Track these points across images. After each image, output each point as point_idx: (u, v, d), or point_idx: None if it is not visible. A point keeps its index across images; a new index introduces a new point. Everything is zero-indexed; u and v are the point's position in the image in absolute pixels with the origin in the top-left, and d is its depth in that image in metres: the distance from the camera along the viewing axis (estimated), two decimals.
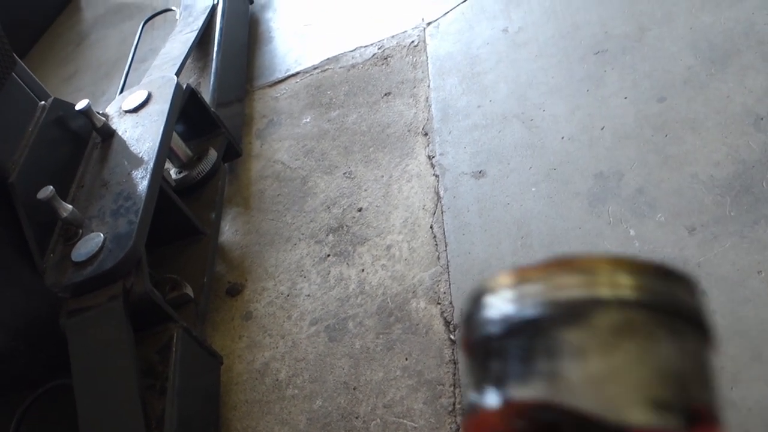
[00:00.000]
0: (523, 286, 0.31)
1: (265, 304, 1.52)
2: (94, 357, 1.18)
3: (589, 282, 0.30)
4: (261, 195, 1.78)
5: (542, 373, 0.29)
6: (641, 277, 0.31)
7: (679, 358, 0.31)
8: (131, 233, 1.25)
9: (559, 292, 0.31)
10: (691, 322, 0.32)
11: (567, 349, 0.30)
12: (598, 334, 0.30)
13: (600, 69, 1.58)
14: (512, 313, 0.31)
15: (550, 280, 0.31)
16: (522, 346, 0.30)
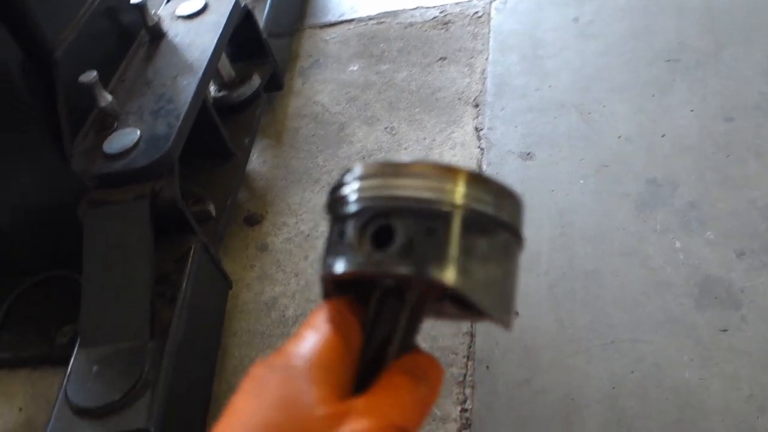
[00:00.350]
0: (367, 180, 0.39)
1: (283, 240, 1.47)
2: (110, 252, 1.13)
3: (443, 190, 0.37)
4: (295, 132, 1.72)
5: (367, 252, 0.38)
6: (474, 189, 0.38)
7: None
8: (169, 136, 1.19)
9: (411, 191, 0.37)
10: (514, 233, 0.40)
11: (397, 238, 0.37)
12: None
13: (669, 77, 1.54)
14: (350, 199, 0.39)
15: (392, 179, 0.38)
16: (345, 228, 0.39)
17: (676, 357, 1.10)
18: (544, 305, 1.22)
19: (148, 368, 1.04)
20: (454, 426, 1.11)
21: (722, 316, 1.13)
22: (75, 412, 1.02)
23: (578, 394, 1.09)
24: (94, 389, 1.04)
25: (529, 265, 1.27)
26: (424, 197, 0.38)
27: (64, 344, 1.29)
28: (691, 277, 1.19)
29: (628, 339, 1.14)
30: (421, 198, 0.38)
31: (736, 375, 1.06)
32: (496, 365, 1.16)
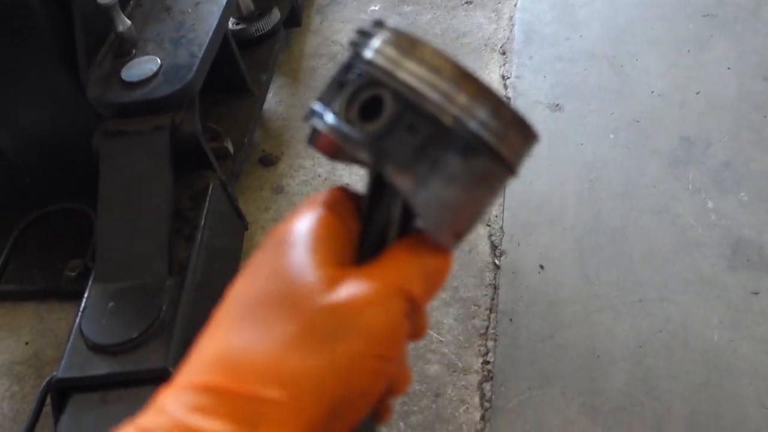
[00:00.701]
0: (386, 47, 0.36)
1: (300, 182, 1.43)
2: (127, 185, 1.09)
3: (446, 94, 0.35)
4: (312, 72, 1.66)
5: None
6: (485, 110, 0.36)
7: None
8: (191, 66, 1.14)
9: (414, 80, 0.35)
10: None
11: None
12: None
13: (707, 32, 1.48)
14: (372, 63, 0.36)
15: (407, 58, 0.36)
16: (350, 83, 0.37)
17: (705, 318, 1.07)
18: (570, 260, 1.19)
19: (166, 307, 1.01)
20: (475, 378, 1.09)
21: (754, 279, 1.10)
22: (90, 348, 0.99)
23: (603, 350, 1.07)
24: (109, 326, 1.00)
25: (555, 219, 1.24)
26: (424, 92, 0.36)
27: (72, 278, 1.26)
28: (724, 237, 1.16)
29: (655, 297, 1.11)
30: (422, 92, 0.36)
31: (767, 338, 1.04)
32: (520, 318, 1.13)
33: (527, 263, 1.20)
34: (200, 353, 0.33)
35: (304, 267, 0.34)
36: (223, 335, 0.33)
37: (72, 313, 1.27)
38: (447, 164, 0.36)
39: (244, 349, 0.32)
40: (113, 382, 0.97)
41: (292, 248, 0.35)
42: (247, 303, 0.34)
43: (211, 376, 0.31)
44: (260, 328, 0.32)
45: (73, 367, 0.98)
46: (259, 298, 0.33)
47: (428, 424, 1.05)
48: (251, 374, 0.31)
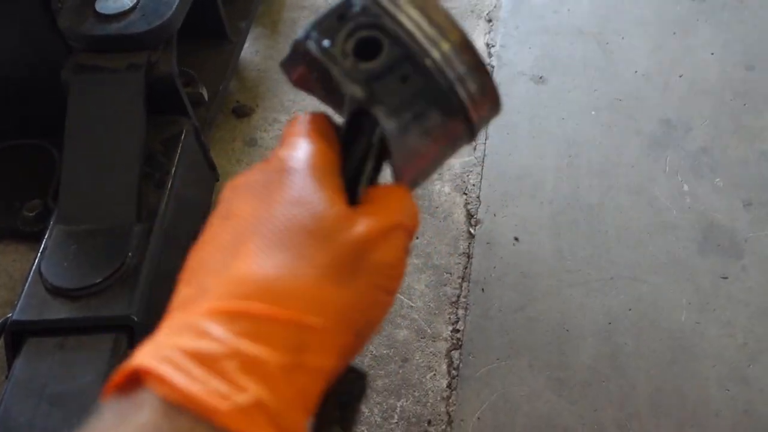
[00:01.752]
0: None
1: (273, 137, 1.39)
2: (97, 123, 1.04)
3: (446, 57, 0.39)
4: (293, 23, 1.61)
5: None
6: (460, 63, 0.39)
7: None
8: (172, 3, 1.08)
9: (419, 33, 0.38)
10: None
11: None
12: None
13: (693, 17, 1.48)
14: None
15: (424, 17, 0.39)
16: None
17: (675, 299, 1.09)
18: (545, 233, 1.19)
19: (132, 253, 0.97)
20: (444, 345, 1.08)
21: (724, 264, 1.12)
22: (49, 291, 0.94)
23: (573, 325, 1.08)
24: (71, 269, 0.96)
25: (533, 192, 1.24)
26: (427, 49, 0.39)
27: (30, 219, 1.20)
28: (697, 221, 1.17)
29: (627, 276, 1.12)
30: (424, 49, 0.39)
31: (732, 323, 1.05)
32: (492, 289, 1.13)
33: (502, 234, 1.19)
34: (230, 277, 0.32)
35: (322, 201, 0.35)
36: (255, 261, 0.33)
37: (28, 255, 1.22)
38: (428, 119, 0.39)
39: (282, 277, 0.32)
40: (72, 327, 0.93)
41: (304, 178, 0.36)
42: (274, 230, 0.34)
43: (254, 303, 0.31)
44: (294, 257, 0.33)
45: (29, 309, 0.93)
46: (287, 227, 0.34)
47: (394, 388, 1.04)
48: (293, 302, 0.32)
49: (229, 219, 0.35)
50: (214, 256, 0.34)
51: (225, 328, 0.30)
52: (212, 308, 0.31)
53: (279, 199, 0.35)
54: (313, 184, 0.36)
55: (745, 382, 1.00)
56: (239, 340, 0.30)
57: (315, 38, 0.40)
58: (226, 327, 0.30)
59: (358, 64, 0.39)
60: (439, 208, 1.24)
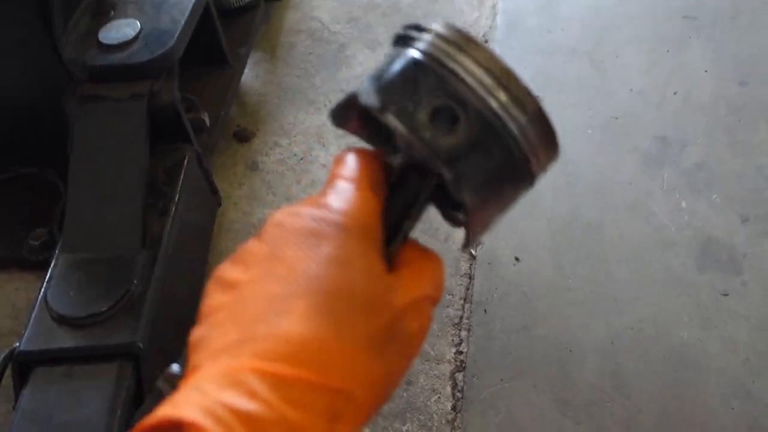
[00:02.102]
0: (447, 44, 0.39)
1: (275, 161, 1.40)
2: (101, 152, 1.05)
3: (523, 131, 0.39)
4: (291, 48, 1.63)
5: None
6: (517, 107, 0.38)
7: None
8: (173, 32, 1.10)
9: (502, 110, 0.38)
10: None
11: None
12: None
13: (685, 34, 1.50)
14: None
15: (468, 58, 0.38)
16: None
17: (676, 317, 1.09)
18: (545, 252, 1.20)
19: (137, 281, 0.97)
20: (448, 367, 1.09)
21: (723, 280, 1.13)
22: (55, 320, 0.95)
23: (575, 344, 1.09)
24: (77, 298, 0.96)
25: (532, 211, 1.25)
26: (509, 125, 0.38)
27: (35, 247, 1.21)
28: (695, 238, 1.18)
29: (628, 294, 1.13)
30: (507, 125, 0.38)
31: (734, 339, 1.06)
32: (494, 309, 1.14)
33: (503, 254, 1.20)
34: (278, 333, 0.33)
35: (369, 265, 0.36)
36: (303, 323, 0.33)
37: (32, 283, 1.22)
38: (505, 191, 0.40)
39: (327, 343, 0.33)
40: (79, 356, 0.93)
41: (352, 238, 0.36)
42: (322, 292, 0.34)
43: (303, 371, 0.32)
44: (338, 324, 0.34)
45: (36, 339, 0.94)
46: (334, 291, 0.35)
47: (399, 412, 1.04)
48: (336, 371, 0.33)
49: (277, 264, 0.36)
50: (262, 303, 0.35)
51: (273, 392, 0.31)
52: (262, 368, 0.32)
53: (327, 257, 0.35)
54: (361, 248, 0.37)
55: (750, 397, 1.00)
56: (286, 407, 0.31)
57: (383, 101, 0.39)
58: (274, 390, 0.31)
59: (440, 138, 0.38)
60: (440, 229, 1.25)
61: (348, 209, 0.38)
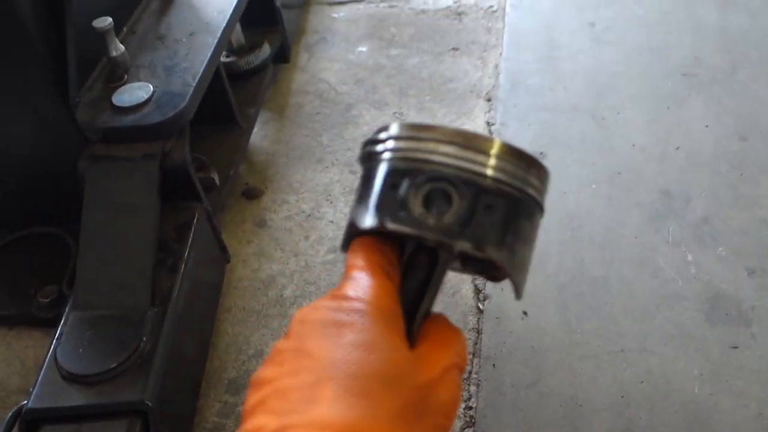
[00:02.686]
0: (417, 141, 0.42)
1: (283, 218, 1.42)
2: (112, 211, 1.07)
3: (509, 171, 0.41)
4: (299, 108, 1.67)
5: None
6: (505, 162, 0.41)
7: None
8: (185, 95, 1.13)
9: (480, 167, 0.40)
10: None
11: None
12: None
13: (685, 91, 1.54)
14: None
15: (441, 144, 0.41)
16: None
17: (686, 371, 1.09)
18: (553, 307, 1.20)
19: (146, 338, 0.98)
20: (457, 423, 1.07)
21: (732, 333, 1.12)
22: (64, 378, 0.95)
23: (586, 399, 1.07)
24: (86, 355, 0.97)
25: (539, 265, 1.25)
26: (498, 176, 0.41)
27: (45, 305, 1.22)
28: (702, 291, 1.18)
29: (637, 348, 1.12)
30: (482, 173, 0.40)
31: (746, 393, 1.05)
32: (503, 364, 1.13)
33: (511, 308, 1.20)
34: (312, 420, 0.35)
35: (391, 345, 0.38)
36: (334, 407, 0.35)
37: (41, 341, 1.23)
38: (522, 230, 0.42)
39: (360, 423, 0.35)
40: (87, 413, 0.93)
41: (372, 323, 0.38)
42: (350, 376, 0.36)
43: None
44: (368, 404, 0.35)
45: (45, 397, 0.94)
46: (361, 373, 0.36)
47: None
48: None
49: (304, 357, 0.37)
50: (294, 393, 0.36)
51: None
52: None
53: (351, 343, 0.37)
54: (381, 330, 0.38)
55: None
56: None
57: (379, 217, 0.41)
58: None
59: (443, 218, 0.40)
60: (447, 284, 1.25)
61: (365, 296, 0.40)
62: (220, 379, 1.16)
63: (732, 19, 1.70)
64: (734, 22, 1.69)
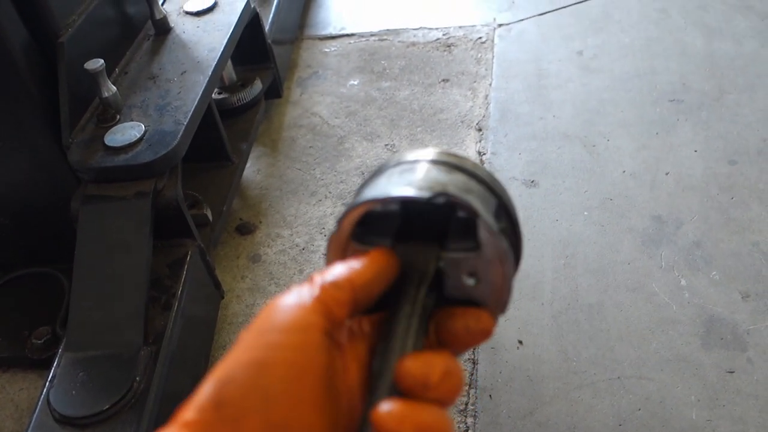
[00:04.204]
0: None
1: (277, 252, 1.42)
2: (105, 251, 1.07)
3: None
4: (292, 142, 1.68)
5: None
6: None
7: None
8: (176, 133, 1.14)
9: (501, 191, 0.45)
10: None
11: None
12: None
13: (673, 117, 1.55)
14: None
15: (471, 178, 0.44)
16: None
17: (683, 396, 1.08)
18: (548, 335, 1.19)
19: (140, 377, 0.98)
20: None
21: (728, 358, 1.12)
22: (57, 421, 0.95)
23: (584, 428, 1.07)
24: (79, 397, 0.96)
25: (533, 294, 1.25)
26: (508, 198, 0.46)
27: (39, 346, 1.21)
28: (697, 316, 1.18)
29: (633, 375, 1.12)
30: (507, 198, 0.45)
31: (744, 418, 1.04)
32: (499, 394, 1.12)
33: (506, 338, 1.20)
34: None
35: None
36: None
37: (35, 383, 1.22)
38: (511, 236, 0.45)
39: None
40: None
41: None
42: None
43: None
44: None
45: None
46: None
47: None
48: None
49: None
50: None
51: None
52: None
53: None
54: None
55: None
56: None
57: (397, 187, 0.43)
58: None
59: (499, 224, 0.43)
60: None
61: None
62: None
63: (717, 46, 1.73)
64: (719, 49, 1.71)
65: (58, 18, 1.13)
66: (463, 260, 0.43)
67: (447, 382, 0.36)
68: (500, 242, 0.41)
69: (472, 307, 0.43)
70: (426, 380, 0.36)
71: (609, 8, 1.92)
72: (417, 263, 0.43)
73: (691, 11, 1.86)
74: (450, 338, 0.43)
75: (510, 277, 0.43)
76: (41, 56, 1.12)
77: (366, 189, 0.45)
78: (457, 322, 0.42)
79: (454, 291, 0.44)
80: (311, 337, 0.36)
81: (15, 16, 1.06)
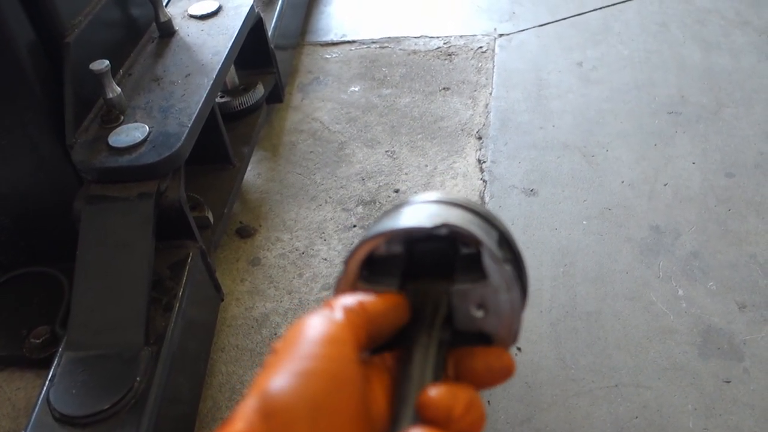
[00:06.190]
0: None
1: (277, 255, 1.42)
2: (107, 251, 1.07)
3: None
4: (292, 147, 1.69)
5: None
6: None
7: None
8: (180, 135, 1.14)
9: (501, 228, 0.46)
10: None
11: None
12: None
13: (671, 129, 1.57)
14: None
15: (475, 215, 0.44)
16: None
17: (680, 405, 1.09)
18: (546, 342, 1.20)
19: (140, 377, 0.98)
20: None
21: (725, 367, 1.13)
22: (57, 420, 0.95)
23: None
24: (79, 396, 0.96)
25: (532, 301, 1.26)
26: (510, 235, 0.46)
27: (37, 345, 1.21)
28: (694, 325, 1.19)
29: (631, 383, 1.12)
30: (509, 234, 0.46)
31: (740, 428, 1.05)
32: (497, 401, 1.13)
33: None
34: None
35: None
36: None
37: (32, 382, 1.22)
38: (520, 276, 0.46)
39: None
40: None
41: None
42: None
43: None
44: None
45: None
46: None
47: None
48: None
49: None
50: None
51: None
52: None
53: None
54: None
55: None
56: None
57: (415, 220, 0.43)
58: None
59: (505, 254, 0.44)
60: None
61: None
62: (213, 418, 1.16)
63: (715, 60, 1.75)
64: (717, 63, 1.73)
65: (64, 18, 1.13)
66: (470, 291, 0.43)
67: (470, 415, 0.36)
68: (505, 268, 0.42)
69: (493, 347, 0.44)
70: (450, 412, 0.35)
71: (609, 21, 1.94)
72: (428, 299, 0.43)
73: (690, 25, 1.88)
74: (470, 377, 0.42)
75: (518, 305, 0.43)
76: (46, 56, 1.13)
77: (369, 231, 0.45)
78: (478, 361, 0.42)
79: (463, 325, 0.44)
80: (347, 351, 0.36)
81: (22, 16, 1.06)
